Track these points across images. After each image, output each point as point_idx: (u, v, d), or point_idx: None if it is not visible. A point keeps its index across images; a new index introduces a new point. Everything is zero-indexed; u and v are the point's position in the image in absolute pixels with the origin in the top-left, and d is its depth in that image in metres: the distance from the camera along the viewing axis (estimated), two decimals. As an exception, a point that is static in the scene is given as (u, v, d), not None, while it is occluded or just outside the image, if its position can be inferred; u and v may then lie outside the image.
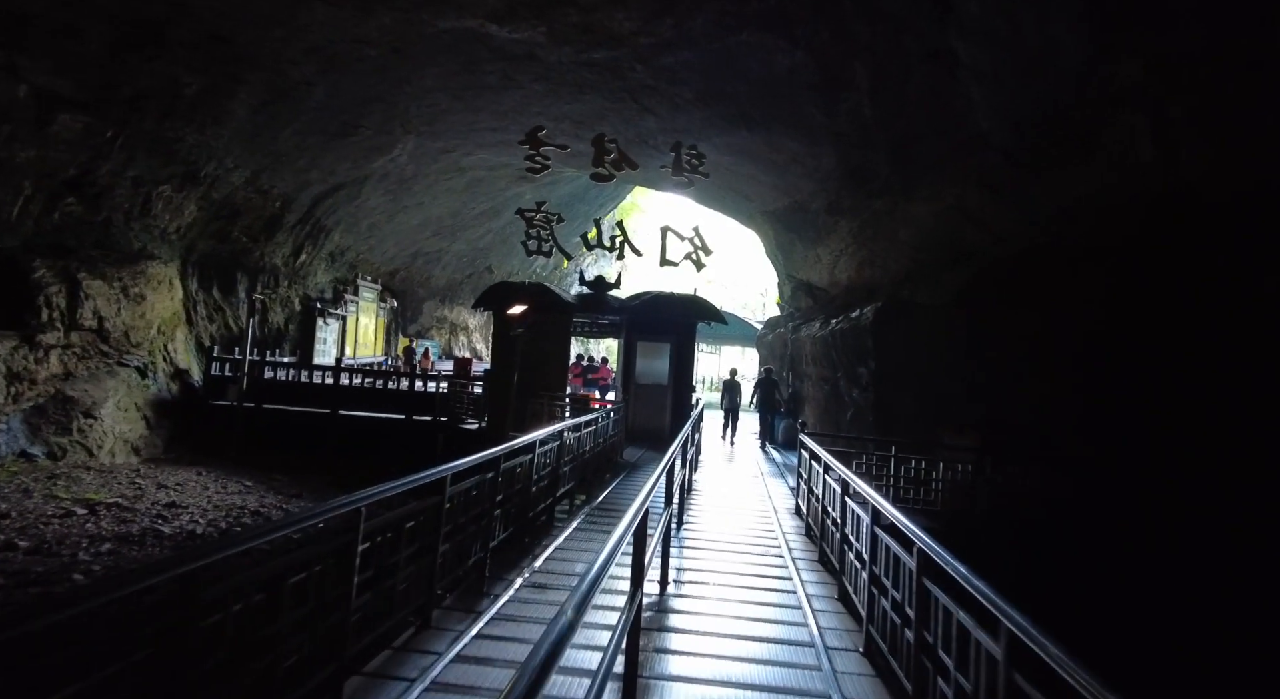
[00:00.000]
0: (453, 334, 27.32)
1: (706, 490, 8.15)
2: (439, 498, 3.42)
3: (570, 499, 6.73)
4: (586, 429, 7.31)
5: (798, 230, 13.13)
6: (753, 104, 10.73)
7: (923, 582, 2.53)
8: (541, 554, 4.92)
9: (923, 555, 2.54)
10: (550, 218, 10.30)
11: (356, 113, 11.16)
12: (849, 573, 4.00)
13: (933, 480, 6.44)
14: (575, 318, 12.46)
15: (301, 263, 15.31)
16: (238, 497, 8.68)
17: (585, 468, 7.31)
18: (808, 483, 5.61)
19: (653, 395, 12.31)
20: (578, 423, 6.93)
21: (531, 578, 4.36)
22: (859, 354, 8.54)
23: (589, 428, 7.42)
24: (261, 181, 11.49)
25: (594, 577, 1.70)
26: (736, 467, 10.74)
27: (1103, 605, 4.61)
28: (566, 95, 11.46)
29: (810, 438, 5.78)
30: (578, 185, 22.58)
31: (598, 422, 7.88)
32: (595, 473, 7.95)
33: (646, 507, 2.56)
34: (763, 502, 7.69)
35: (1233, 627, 4.28)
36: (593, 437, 7.62)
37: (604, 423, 8.40)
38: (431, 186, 17.30)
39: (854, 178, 10.68)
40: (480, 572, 4.18)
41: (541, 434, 5.34)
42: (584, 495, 7.06)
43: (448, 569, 3.67)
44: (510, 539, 4.84)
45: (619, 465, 9.38)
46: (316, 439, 10.98)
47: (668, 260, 10.42)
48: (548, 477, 5.73)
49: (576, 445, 6.80)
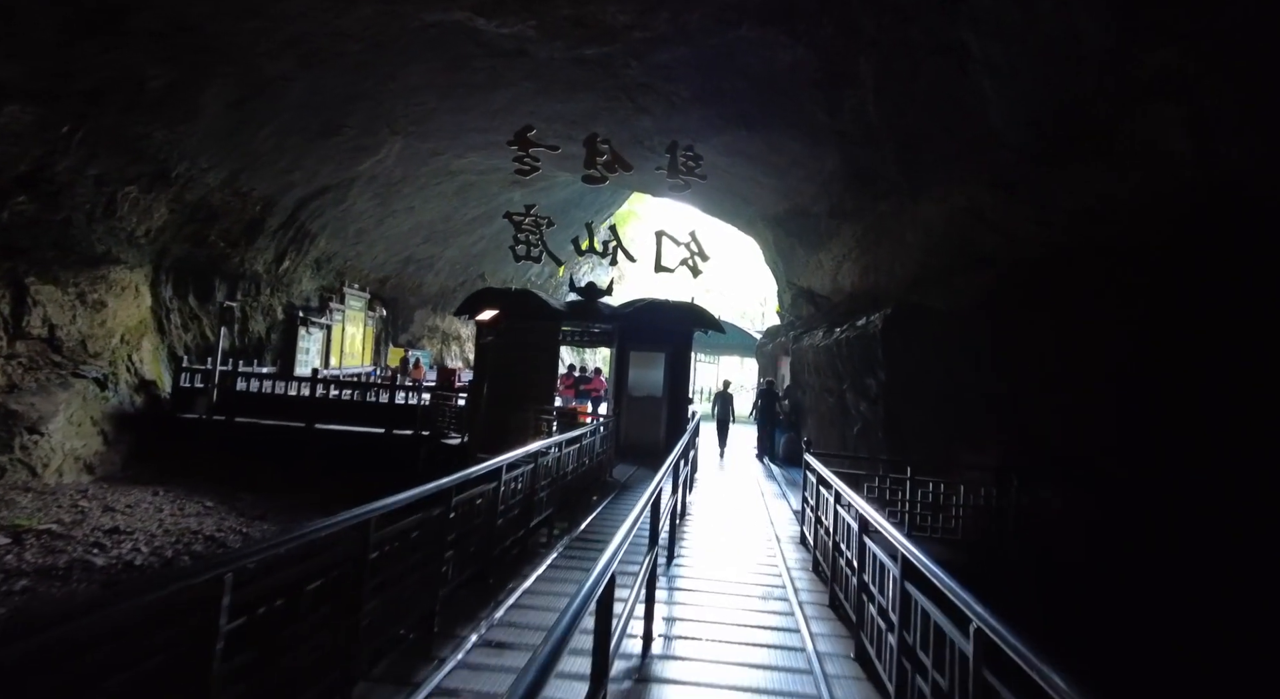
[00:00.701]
0: (445, 344, 26.83)
1: (702, 515, 7.57)
2: (359, 547, 2.79)
3: (549, 528, 6.09)
4: (569, 448, 6.71)
5: (798, 235, 12.72)
6: (752, 103, 10.35)
7: (981, 673, 1.92)
8: (507, 601, 4.28)
9: (983, 639, 1.88)
10: (540, 222, 9.87)
11: (339, 111, 10.75)
12: (868, 629, 3.43)
13: (953, 505, 5.87)
14: (565, 326, 11.93)
15: (285, 269, 14.85)
16: (194, 519, 8.10)
17: (568, 491, 6.73)
18: (815, 511, 5.03)
19: (646, 408, 11.72)
20: (558, 441, 6.38)
21: (489, 634, 3.76)
22: (867, 364, 8.03)
23: (572, 446, 6.82)
24: (240, 183, 11.04)
25: (532, 680, 1.21)
26: (735, 485, 10.13)
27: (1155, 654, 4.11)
28: (558, 94, 11.08)
29: (816, 458, 5.23)
30: (572, 191, 22.22)
31: (583, 439, 7.29)
32: (580, 495, 7.35)
33: (613, 571, 1.96)
34: (764, 527, 7.11)
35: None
36: (577, 456, 7.01)
37: (591, 440, 7.82)
38: (421, 190, 16.91)
39: (858, 180, 10.28)
40: (428, 627, 3.57)
41: (510, 457, 4.72)
42: (565, 523, 6.44)
43: (377, 631, 3.05)
44: (470, 583, 4.26)
45: (608, 485, 8.76)
46: (291, 455, 10.41)
47: (663, 266, 9.98)
48: (519, 505, 5.15)
49: (556, 467, 6.21)
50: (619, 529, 2.56)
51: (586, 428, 8.07)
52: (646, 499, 2.99)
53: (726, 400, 14.31)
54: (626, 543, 2.27)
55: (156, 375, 11.28)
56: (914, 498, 5.93)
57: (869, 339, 7.96)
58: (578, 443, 7.10)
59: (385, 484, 3.91)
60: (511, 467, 4.84)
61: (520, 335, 10.59)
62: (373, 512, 2.81)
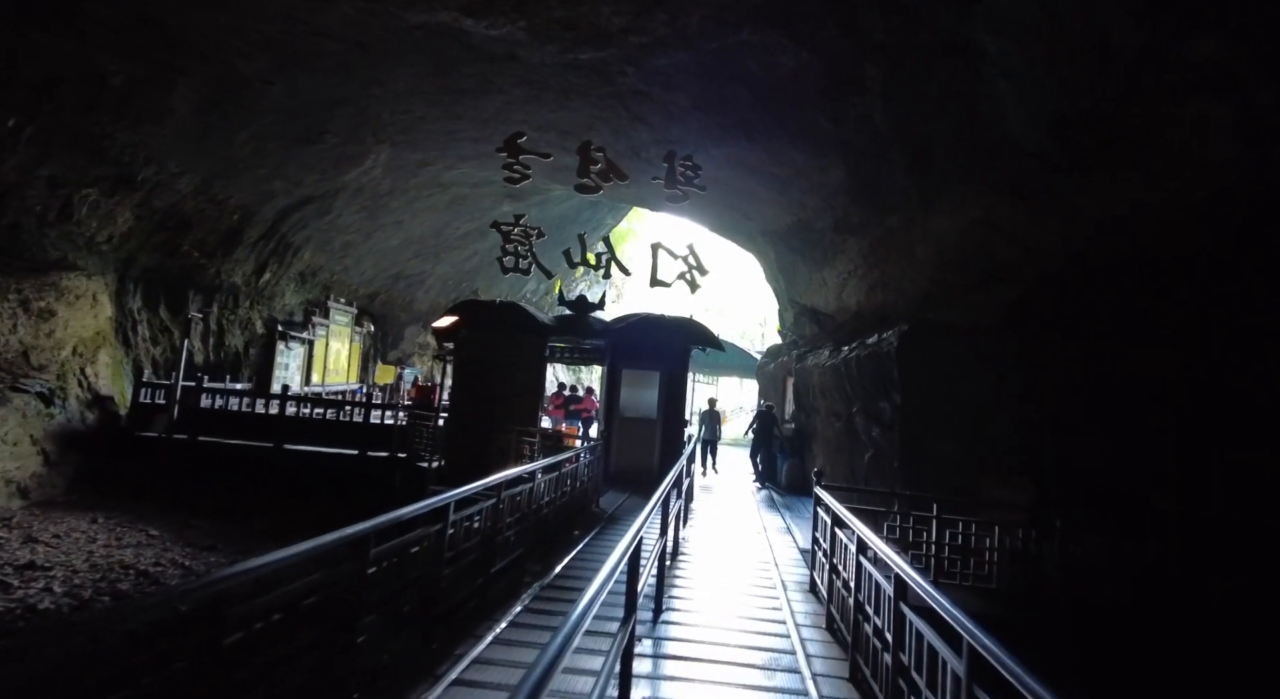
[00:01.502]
0: (435, 361, 26.33)
1: (698, 554, 6.79)
2: (212, 627, 2.05)
3: (518, 570, 5.36)
4: (546, 476, 6.02)
5: (801, 251, 12.30)
6: (754, 112, 9.99)
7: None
8: (450, 673, 3.40)
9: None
10: (530, 232, 9.43)
11: (321, 117, 10.38)
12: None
13: (986, 549, 5.20)
14: (554, 342, 11.36)
15: (266, 282, 14.37)
16: (131, 551, 7.42)
17: (544, 527, 6.06)
18: (829, 557, 4.31)
19: (639, 431, 11.07)
20: (531, 470, 5.68)
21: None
22: (880, 386, 7.44)
23: (550, 475, 6.16)
24: (215, 191, 10.62)
25: None
26: (734, 517, 9.37)
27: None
28: (551, 102, 10.73)
29: (828, 492, 4.61)
30: (568, 206, 21.95)
31: (562, 466, 6.64)
32: (559, 531, 6.67)
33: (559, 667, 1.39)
34: (766, 570, 6.33)
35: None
36: (556, 485, 6.35)
37: (573, 467, 7.18)
38: (411, 203, 16.54)
39: (864, 192, 9.88)
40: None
41: (461, 493, 4.01)
42: (539, 565, 5.73)
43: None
44: (403, 654, 3.51)
45: (593, 517, 8.03)
46: (257, 478, 9.79)
47: (659, 280, 9.51)
48: (476, 549, 4.48)
49: (529, 500, 5.53)
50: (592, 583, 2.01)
51: (568, 453, 7.36)
52: (623, 551, 2.40)
53: (714, 419, 14.08)
54: (587, 618, 1.72)
55: (119, 390, 10.69)
56: (941, 540, 5.25)
57: (882, 358, 7.39)
58: (556, 470, 6.43)
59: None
60: (465, 504, 4.14)
61: (503, 351, 10.01)
62: (228, 578, 2.03)
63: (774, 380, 14.63)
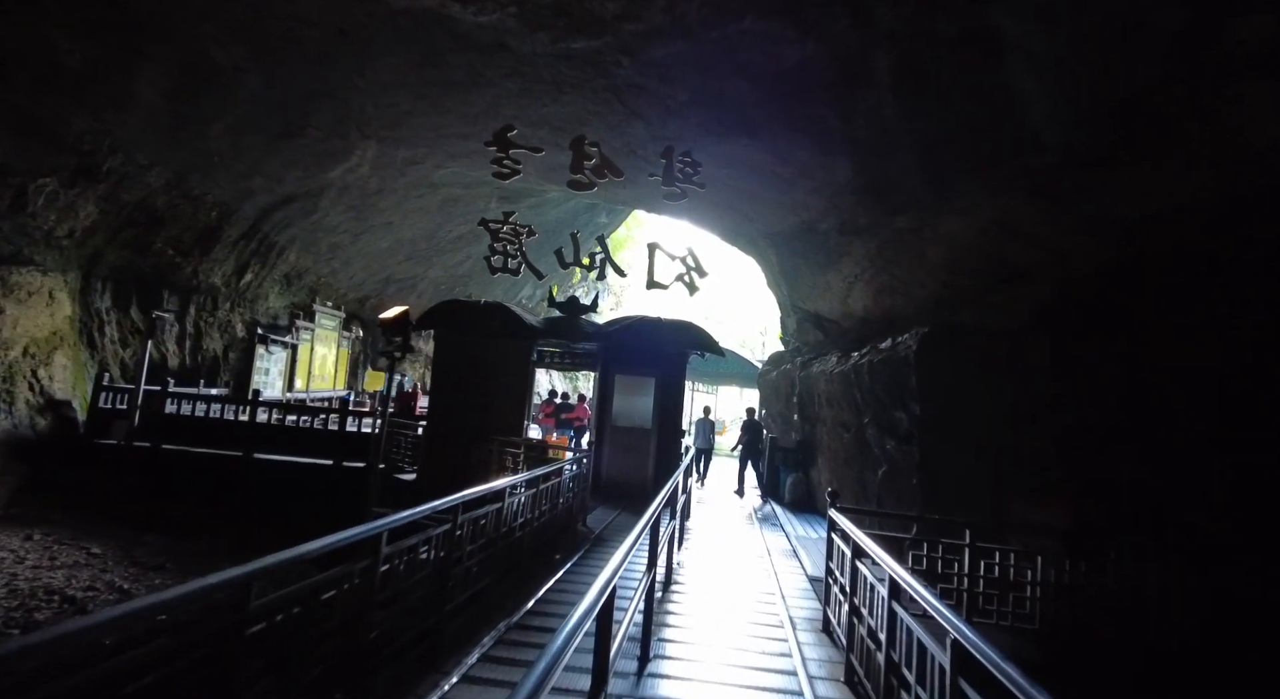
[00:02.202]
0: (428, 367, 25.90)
1: (693, 584, 6.06)
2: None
3: (482, 606, 4.65)
4: (519, 495, 5.40)
5: (805, 254, 11.86)
6: (756, 107, 9.59)
7: None
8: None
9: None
10: (520, 230, 8.99)
11: (301, 110, 9.96)
12: None
13: (1027, 583, 4.56)
14: (543, 346, 10.85)
15: (247, 283, 13.92)
16: (63, 574, 6.80)
17: (517, 553, 5.42)
18: (847, 594, 3.71)
19: (633, 442, 10.49)
20: (501, 488, 5.02)
21: None
22: (896, 394, 6.90)
23: (528, 492, 5.56)
24: (190, 185, 10.18)
25: None
26: (734, 537, 8.67)
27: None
28: (544, 95, 10.34)
29: (844, 516, 4.07)
30: (564, 210, 21.57)
31: (542, 482, 6.04)
32: (539, 554, 6.06)
33: None
34: (772, 605, 5.58)
35: None
36: (533, 504, 5.75)
37: (555, 482, 6.58)
38: (400, 204, 16.13)
39: (872, 191, 9.46)
40: None
41: (397, 519, 3.37)
42: (509, 599, 5.03)
43: None
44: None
45: (578, 538, 7.35)
46: (224, 489, 9.24)
47: (656, 282, 9.07)
48: (425, 584, 3.83)
49: (497, 523, 4.90)
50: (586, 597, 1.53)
51: (549, 466, 6.70)
52: (587, 608, 1.88)
53: (708, 428, 13.78)
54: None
55: (82, 395, 10.15)
56: (974, 570, 4.60)
57: (899, 364, 6.83)
58: (534, 487, 5.82)
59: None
60: (405, 532, 3.56)
61: (486, 355, 9.49)
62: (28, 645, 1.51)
63: (776, 389, 14.14)
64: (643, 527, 3.23)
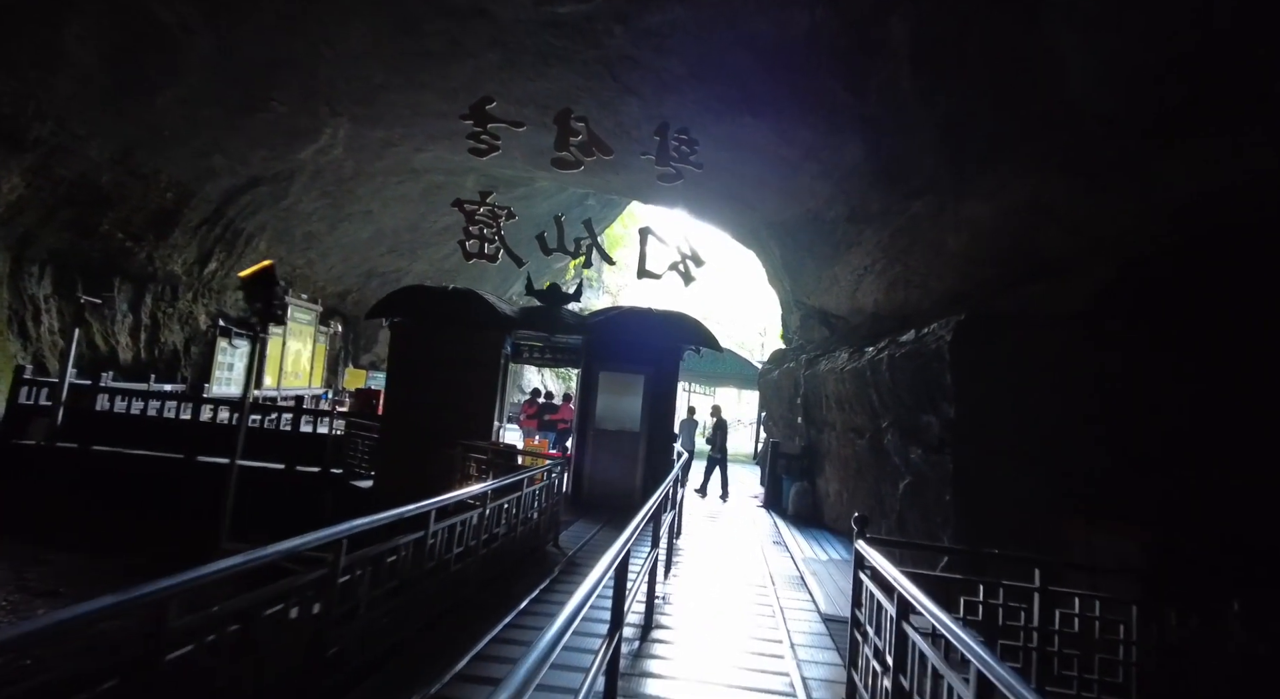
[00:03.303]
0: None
1: (682, 628, 4.97)
2: None
3: (382, 676, 3.60)
4: (457, 520, 4.50)
5: (810, 246, 11.19)
6: (759, 81, 8.92)
7: None
8: None
9: None
10: (498, 213, 8.28)
11: (263, 81, 9.24)
12: None
13: (1119, 642, 3.52)
14: (522, 341, 10.03)
15: (212, 272, 13.17)
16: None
17: (454, 588, 4.55)
18: (892, 670, 2.67)
19: (619, 446, 9.63)
20: (415, 514, 3.98)
21: None
22: (924, 394, 6.04)
23: (464, 515, 4.62)
24: (138, 162, 9.44)
25: None
26: (731, 558, 7.62)
27: None
28: (528, 68, 9.64)
29: (875, 548, 3.21)
30: (556, 202, 20.87)
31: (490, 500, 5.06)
32: (491, 586, 5.14)
33: None
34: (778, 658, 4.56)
35: None
36: (482, 526, 4.88)
37: (517, 497, 5.63)
38: (380, 191, 15.41)
39: (886, 174, 8.79)
40: None
41: (198, 576, 2.29)
42: (433, 661, 3.83)
43: None
44: None
45: (547, 561, 6.27)
46: (161, 496, 8.44)
47: (648, 271, 8.38)
48: (279, 654, 2.83)
49: (416, 558, 3.96)
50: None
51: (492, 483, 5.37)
52: None
53: (691, 428, 13.22)
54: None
55: (5, 389, 9.32)
56: (1047, 623, 3.55)
57: (928, 359, 5.99)
58: (482, 505, 4.87)
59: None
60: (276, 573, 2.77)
61: (452, 348, 8.62)
62: None
63: (778, 390, 13.43)
64: (600, 577, 2.41)
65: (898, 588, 2.50)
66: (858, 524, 3.50)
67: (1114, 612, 3.47)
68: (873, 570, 3.02)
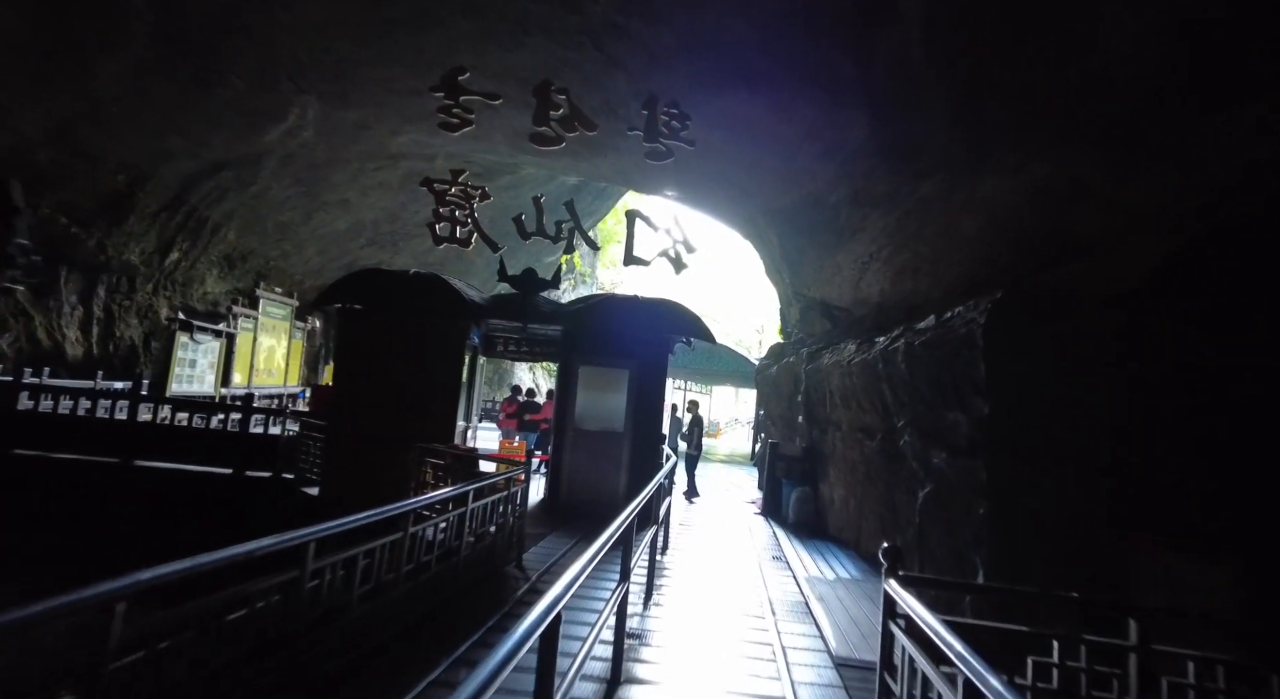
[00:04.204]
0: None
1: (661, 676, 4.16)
2: None
3: None
4: (377, 543, 3.75)
5: (810, 233, 10.57)
6: (756, 53, 8.30)
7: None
8: None
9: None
10: (471, 193, 7.63)
11: (215, 51, 8.56)
12: None
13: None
14: (496, 333, 9.29)
15: (174, 263, 12.48)
16: None
17: (359, 640, 3.73)
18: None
19: (601, 448, 8.84)
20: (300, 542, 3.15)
21: None
22: (950, 388, 5.22)
23: (382, 542, 3.79)
24: (80, 139, 8.76)
25: None
26: (723, 580, 6.76)
27: None
28: (506, 39, 8.99)
29: (909, 591, 2.50)
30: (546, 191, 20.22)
31: (409, 523, 4.18)
32: (419, 627, 4.33)
33: None
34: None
35: None
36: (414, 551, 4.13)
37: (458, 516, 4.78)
38: (357, 178, 14.74)
39: (894, 152, 8.18)
40: None
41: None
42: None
43: None
44: None
45: (506, 588, 5.40)
46: (93, 505, 7.73)
47: (635, 257, 7.75)
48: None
49: (289, 609, 3.09)
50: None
51: (404, 504, 4.30)
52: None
53: (676, 427, 12.79)
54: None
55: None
56: (1149, 692, 2.68)
57: (956, 346, 5.24)
58: (398, 531, 3.91)
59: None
60: None
61: (410, 339, 7.84)
62: None
63: (777, 386, 12.78)
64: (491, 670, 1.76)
65: (966, 667, 1.78)
66: (887, 557, 2.80)
67: (1238, 679, 2.60)
68: (907, 621, 2.33)
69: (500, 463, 7.34)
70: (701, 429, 12.24)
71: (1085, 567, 3.56)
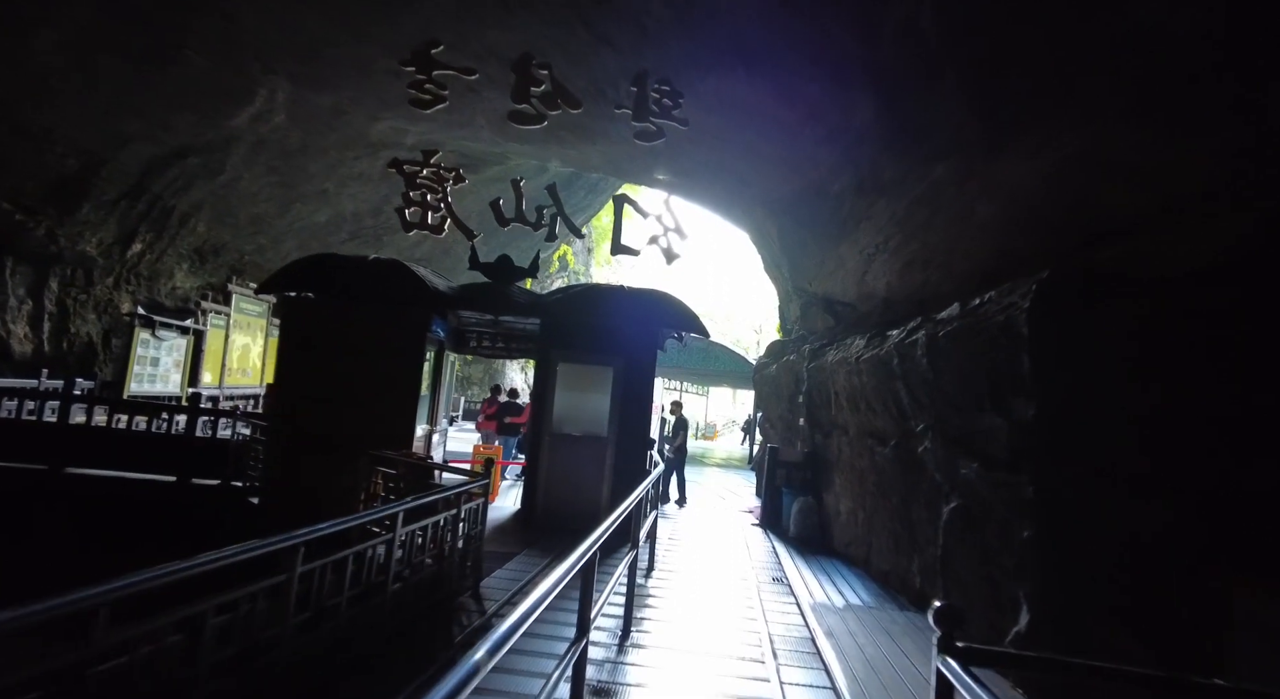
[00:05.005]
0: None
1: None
2: None
3: None
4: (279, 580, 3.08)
5: (812, 224, 10.07)
6: (755, 29, 7.81)
7: None
8: None
9: None
10: (445, 175, 7.09)
11: (170, 23, 7.99)
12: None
13: None
14: (468, 326, 8.67)
15: (137, 255, 11.89)
16: None
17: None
18: None
19: (583, 453, 8.14)
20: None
21: None
22: (983, 386, 4.59)
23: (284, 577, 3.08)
24: (22, 118, 8.18)
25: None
26: (716, 608, 5.99)
27: None
28: (487, 16, 8.48)
29: (977, 672, 1.85)
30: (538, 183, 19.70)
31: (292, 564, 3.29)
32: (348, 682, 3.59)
33: None
34: None
35: None
36: (314, 595, 3.37)
37: (384, 543, 3.99)
38: (335, 168, 14.18)
39: (902, 136, 7.70)
40: None
41: None
42: None
43: None
44: None
45: (449, 623, 4.74)
46: (17, 518, 7.06)
47: (623, 246, 7.23)
48: None
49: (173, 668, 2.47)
50: None
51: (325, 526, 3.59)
52: None
53: (660, 428, 12.34)
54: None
55: None
56: None
57: (993, 337, 4.55)
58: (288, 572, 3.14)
59: None
60: None
61: (361, 332, 7.13)
62: None
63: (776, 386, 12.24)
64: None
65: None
66: (941, 620, 2.00)
67: None
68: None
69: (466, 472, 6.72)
70: (685, 431, 11.73)
71: (1161, 610, 2.94)
